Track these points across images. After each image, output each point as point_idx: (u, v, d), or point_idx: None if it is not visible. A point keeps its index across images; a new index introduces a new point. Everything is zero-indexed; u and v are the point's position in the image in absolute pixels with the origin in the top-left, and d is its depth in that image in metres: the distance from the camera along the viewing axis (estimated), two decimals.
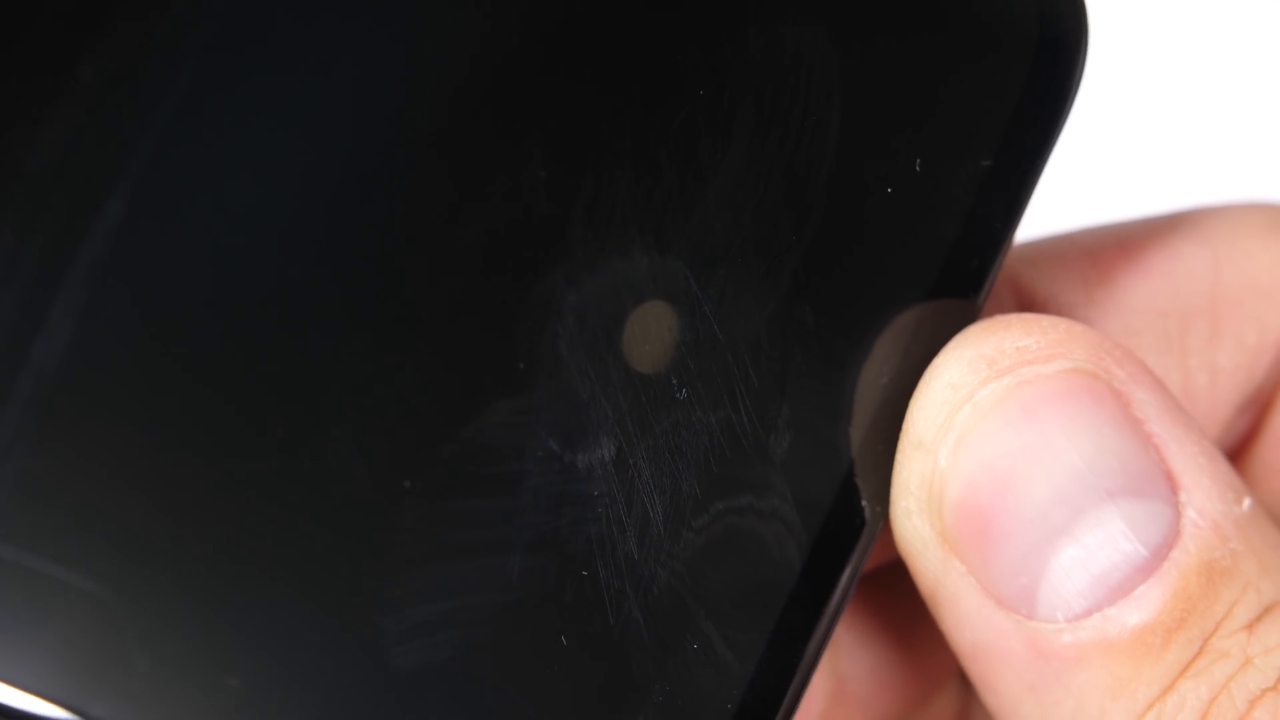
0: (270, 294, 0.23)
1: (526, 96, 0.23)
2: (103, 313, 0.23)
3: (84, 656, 0.23)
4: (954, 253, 0.24)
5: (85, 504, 0.23)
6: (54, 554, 0.23)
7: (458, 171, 0.23)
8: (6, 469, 0.23)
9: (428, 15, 0.23)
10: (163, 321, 0.23)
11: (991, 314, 0.24)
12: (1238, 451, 0.29)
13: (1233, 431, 0.29)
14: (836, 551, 0.24)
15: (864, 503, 0.24)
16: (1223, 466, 0.24)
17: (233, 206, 0.23)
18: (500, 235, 0.23)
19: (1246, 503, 0.23)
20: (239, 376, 0.23)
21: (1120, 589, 0.23)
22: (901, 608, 0.30)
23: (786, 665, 0.23)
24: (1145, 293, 0.27)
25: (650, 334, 0.23)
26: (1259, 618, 0.23)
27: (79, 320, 0.23)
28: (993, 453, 0.23)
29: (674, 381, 0.24)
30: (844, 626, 0.30)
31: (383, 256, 0.23)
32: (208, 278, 0.23)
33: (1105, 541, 0.23)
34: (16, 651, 0.23)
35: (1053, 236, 0.29)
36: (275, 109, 0.23)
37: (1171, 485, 0.23)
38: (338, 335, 0.23)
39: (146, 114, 0.23)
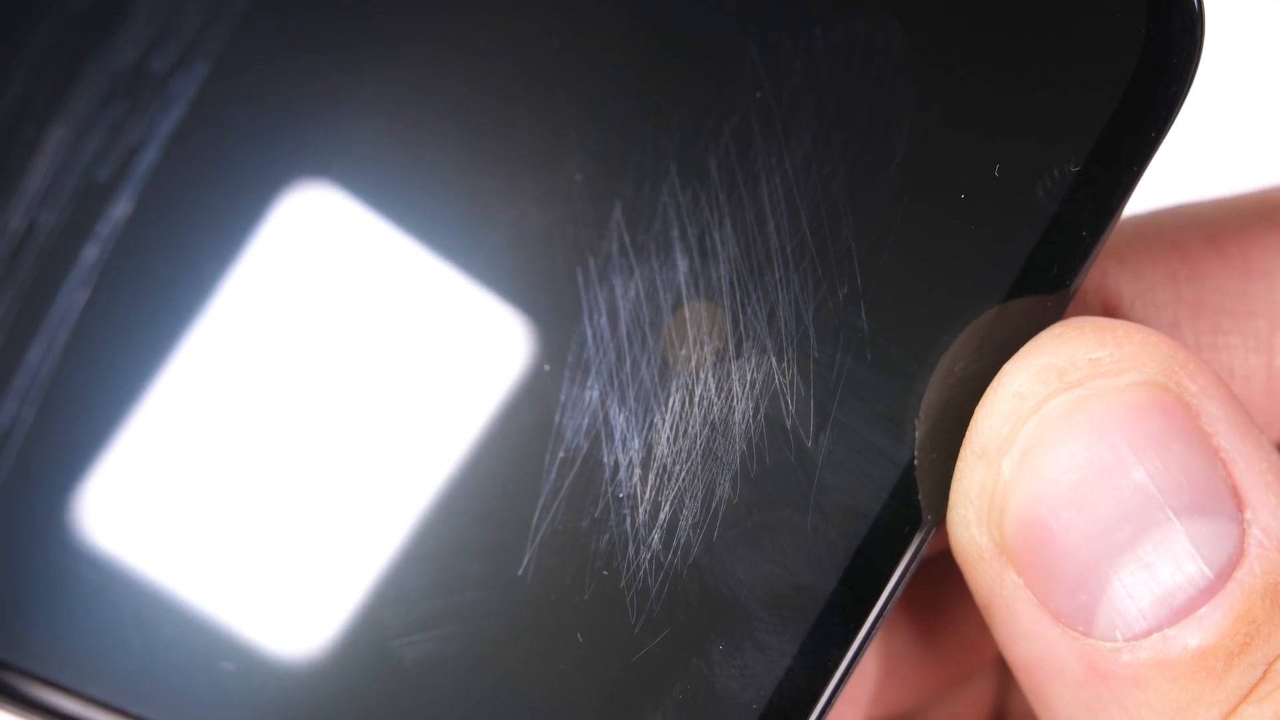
0: (276, 300, 0.23)
1: (568, 96, 0.23)
2: (103, 317, 0.23)
3: (76, 638, 0.23)
4: (1033, 260, 0.23)
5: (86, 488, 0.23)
6: (54, 542, 0.23)
7: (492, 171, 0.23)
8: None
9: (467, 10, 0.23)
10: (169, 329, 0.23)
11: (1073, 309, 0.24)
12: None
13: None
14: (881, 558, 0.23)
15: (914, 509, 0.23)
16: None
17: (235, 210, 0.23)
18: (533, 237, 0.23)
19: None
20: (243, 373, 0.23)
21: (1183, 610, 0.22)
22: (954, 590, 0.29)
23: (821, 670, 0.23)
24: (1235, 293, 0.27)
25: (689, 336, 0.23)
26: None
27: (77, 325, 0.22)
28: (1059, 467, 0.22)
29: (712, 384, 0.23)
30: (899, 610, 0.30)
31: (408, 254, 0.23)
32: (214, 285, 0.23)
33: (1169, 560, 0.22)
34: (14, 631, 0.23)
35: (1135, 219, 0.28)
36: (288, 107, 0.23)
37: (1237, 503, 0.22)
38: (353, 331, 0.23)
39: (151, 114, 0.22)
